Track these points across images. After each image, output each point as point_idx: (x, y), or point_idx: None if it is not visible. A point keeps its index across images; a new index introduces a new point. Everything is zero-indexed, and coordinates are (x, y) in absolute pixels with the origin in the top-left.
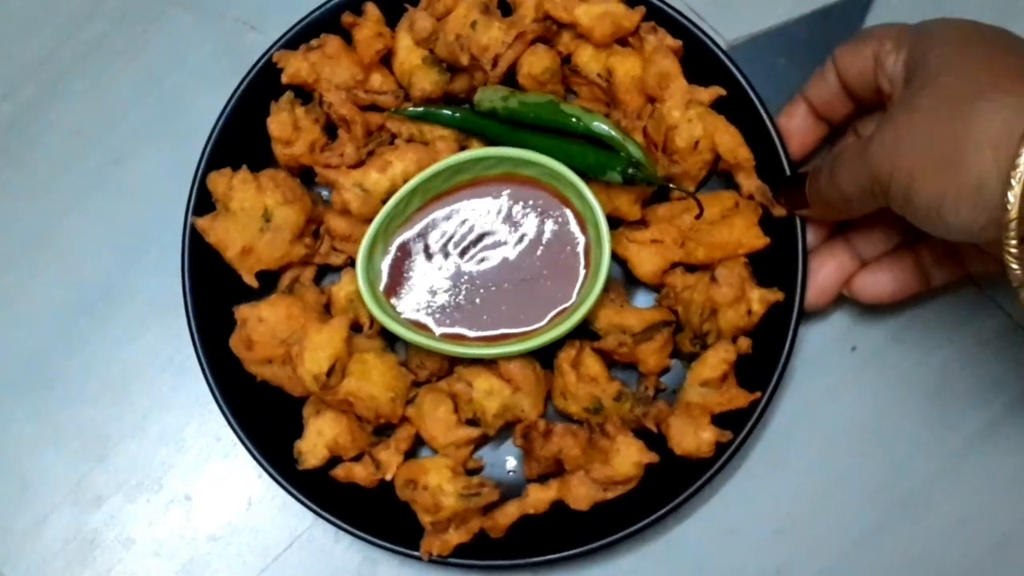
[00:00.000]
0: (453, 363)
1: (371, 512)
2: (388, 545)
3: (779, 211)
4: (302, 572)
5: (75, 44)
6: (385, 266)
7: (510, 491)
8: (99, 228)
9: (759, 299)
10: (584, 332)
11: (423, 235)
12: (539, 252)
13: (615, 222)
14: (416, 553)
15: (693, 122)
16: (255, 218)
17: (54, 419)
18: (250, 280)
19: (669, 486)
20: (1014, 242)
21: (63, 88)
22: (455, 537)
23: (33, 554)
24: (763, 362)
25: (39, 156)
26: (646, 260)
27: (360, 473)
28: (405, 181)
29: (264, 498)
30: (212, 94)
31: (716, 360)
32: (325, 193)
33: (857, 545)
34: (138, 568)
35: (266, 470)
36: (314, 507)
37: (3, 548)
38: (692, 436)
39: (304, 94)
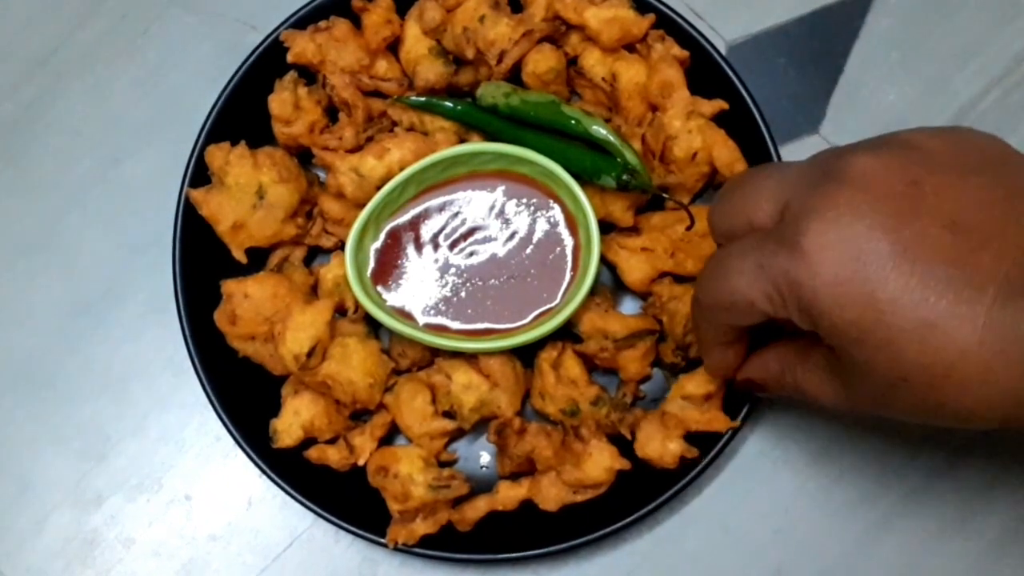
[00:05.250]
0: (434, 354)
1: (371, 511)
2: (383, 541)
3: None
4: (302, 572)
5: (75, 44)
6: (374, 252)
7: (481, 486)
8: (99, 228)
9: None
10: (567, 334)
11: (415, 225)
12: (528, 250)
13: (607, 227)
14: (417, 551)
15: (692, 133)
16: (249, 194)
17: (54, 419)
18: (239, 256)
19: (639, 495)
20: None
21: (63, 88)
22: (422, 527)
23: (33, 554)
24: None
25: (39, 156)
26: (635, 267)
27: (333, 456)
28: (401, 169)
29: (264, 498)
30: (212, 94)
31: (703, 378)
32: (322, 175)
33: (857, 545)
34: (138, 568)
35: (260, 467)
36: (314, 507)
37: (3, 548)
38: (659, 443)
39: (309, 75)
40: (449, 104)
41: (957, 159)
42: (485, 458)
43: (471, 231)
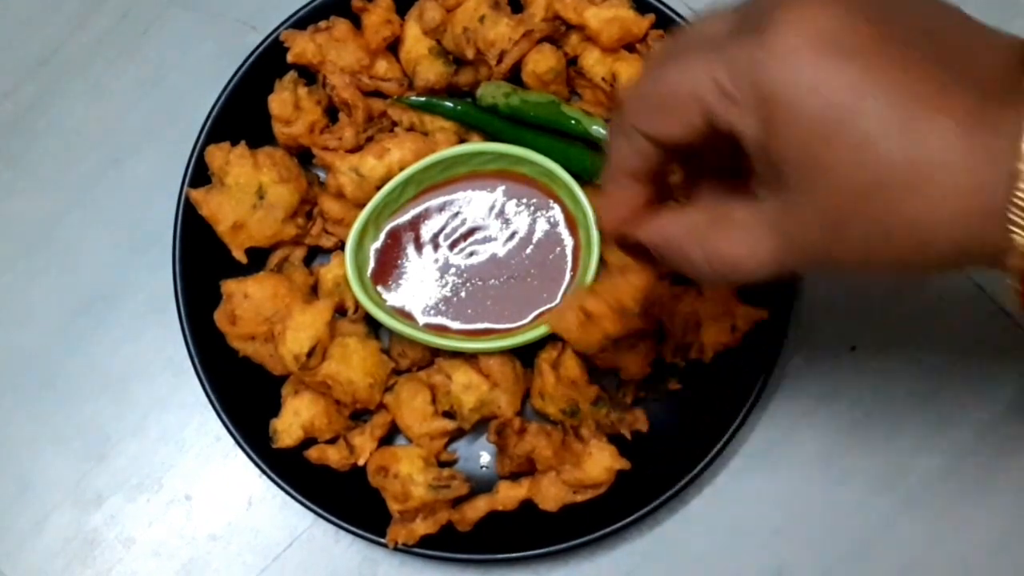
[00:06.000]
0: (435, 354)
1: (371, 511)
2: (383, 541)
3: None
4: (302, 572)
5: (75, 44)
6: (374, 252)
7: (481, 486)
8: (99, 228)
9: (744, 316)
10: None
11: (415, 225)
12: (528, 250)
13: None
14: (417, 551)
15: None
16: (249, 194)
17: (54, 419)
18: (239, 256)
19: (639, 495)
20: None
21: (63, 88)
22: (422, 527)
23: (33, 554)
24: (743, 381)
25: (39, 156)
26: None
27: (333, 456)
28: (401, 169)
29: (264, 498)
30: (212, 94)
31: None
32: (322, 175)
33: (857, 545)
34: (138, 568)
35: (260, 467)
36: (314, 507)
37: (3, 548)
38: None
39: (309, 75)
40: (449, 104)
41: None
42: (485, 458)
43: (471, 231)
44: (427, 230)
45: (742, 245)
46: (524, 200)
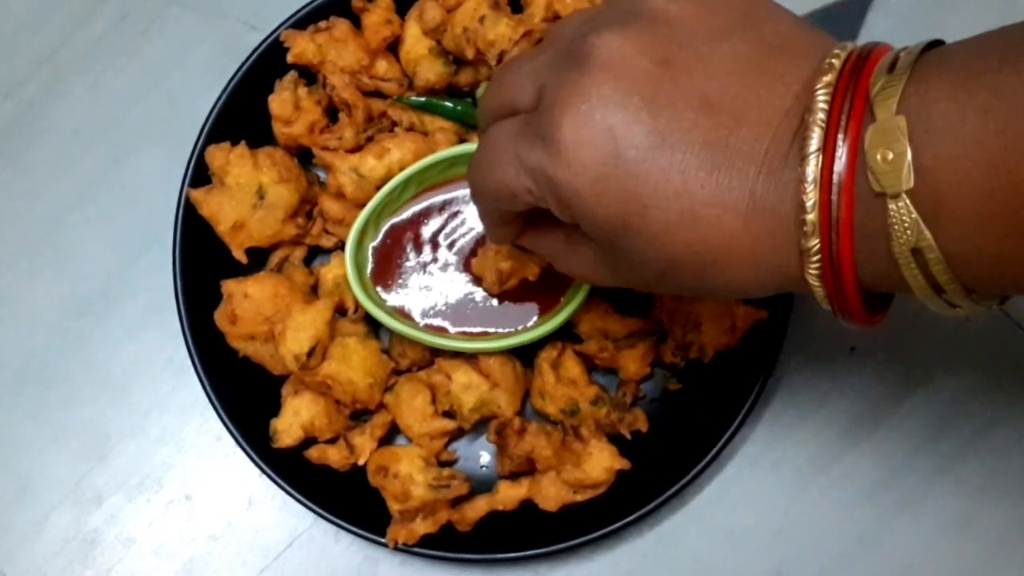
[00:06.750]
0: (434, 354)
1: (371, 511)
2: (383, 541)
3: None
4: (302, 572)
5: (75, 44)
6: (374, 252)
7: (481, 486)
8: (99, 228)
9: (743, 316)
10: (567, 334)
11: (415, 225)
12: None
13: None
14: (417, 551)
15: None
16: (249, 194)
17: (54, 419)
18: (239, 256)
19: (639, 495)
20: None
21: (63, 88)
22: (422, 527)
23: (33, 554)
24: (743, 381)
25: (39, 156)
26: None
27: (334, 456)
28: (401, 169)
29: (264, 498)
30: (212, 94)
31: None
32: (322, 175)
33: (857, 545)
34: (138, 568)
35: (260, 467)
36: (314, 507)
37: (3, 548)
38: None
39: (309, 75)
40: (449, 104)
41: (705, 25)
42: (485, 458)
43: (471, 231)
44: (427, 230)
45: (590, 271)
46: None
